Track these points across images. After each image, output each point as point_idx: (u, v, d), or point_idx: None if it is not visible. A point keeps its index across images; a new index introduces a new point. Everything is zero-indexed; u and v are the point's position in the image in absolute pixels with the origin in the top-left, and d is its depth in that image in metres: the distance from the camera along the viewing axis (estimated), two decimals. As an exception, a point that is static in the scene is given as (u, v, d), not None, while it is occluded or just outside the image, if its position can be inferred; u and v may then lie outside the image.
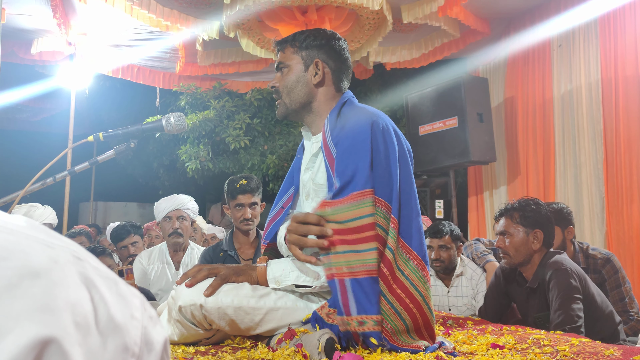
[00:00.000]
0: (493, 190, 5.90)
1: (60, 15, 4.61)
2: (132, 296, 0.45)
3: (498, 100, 5.85)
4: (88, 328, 0.39)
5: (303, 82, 1.77)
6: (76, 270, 0.41)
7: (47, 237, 0.42)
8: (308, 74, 1.77)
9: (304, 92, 1.78)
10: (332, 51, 1.79)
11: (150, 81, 6.53)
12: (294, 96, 1.78)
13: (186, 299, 1.53)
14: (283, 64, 1.80)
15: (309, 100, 1.78)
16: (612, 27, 4.65)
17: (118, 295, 0.43)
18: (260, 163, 7.79)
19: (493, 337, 1.64)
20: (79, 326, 0.38)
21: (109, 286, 0.43)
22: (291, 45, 1.81)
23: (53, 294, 0.38)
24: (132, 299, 0.45)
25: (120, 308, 0.42)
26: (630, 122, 4.47)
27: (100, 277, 0.43)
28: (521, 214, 2.54)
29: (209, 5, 4.69)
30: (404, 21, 4.77)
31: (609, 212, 4.59)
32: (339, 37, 1.82)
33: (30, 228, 0.42)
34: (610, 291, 2.88)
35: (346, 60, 1.82)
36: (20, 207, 3.86)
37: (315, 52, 1.78)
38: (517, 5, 5.23)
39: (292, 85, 1.78)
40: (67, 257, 0.42)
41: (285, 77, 1.79)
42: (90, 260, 0.44)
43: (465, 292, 3.24)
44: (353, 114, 1.66)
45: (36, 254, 0.40)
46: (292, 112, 1.81)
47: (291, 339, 1.44)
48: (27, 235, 0.41)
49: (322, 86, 1.78)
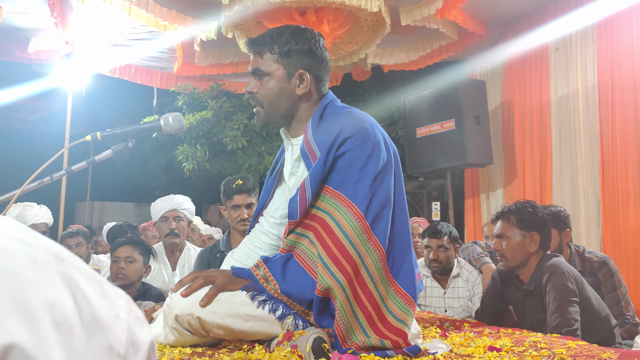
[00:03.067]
0: (490, 192, 5.91)
1: (57, 14, 4.59)
2: (117, 296, 0.44)
3: (495, 103, 5.87)
4: (70, 328, 0.38)
5: (287, 93, 1.67)
6: (56, 270, 0.40)
7: (26, 237, 0.42)
8: (291, 85, 1.67)
9: (288, 104, 1.69)
10: (314, 57, 1.68)
11: (147, 81, 6.52)
12: (277, 107, 1.69)
13: (182, 308, 1.50)
14: (261, 72, 1.67)
15: (292, 110, 1.70)
16: (608, 32, 4.67)
17: (102, 295, 0.43)
18: (257, 164, 7.78)
19: (490, 340, 1.64)
20: (59, 326, 0.38)
21: (93, 286, 0.42)
22: (270, 51, 1.67)
23: (29, 293, 0.37)
24: (117, 299, 0.44)
25: (104, 308, 0.42)
26: (626, 126, 4.49)
27: (84, 277, 0.42)
28: (518, 216, 2.54)
29: (207, 6, 4.68)
30: (402, 23, 4.78)
31: (605, 215, 4.60)
32: (317, 36, 1.71)
33: (10, 227, 0.42)
34: (606, 294, 2.89)
35: (327, 62, 1.74)
36: (15, 206, 3.84)
37: (298, 59, 1.66)
38: (514, 9, 5.25)
39: (274, 97, 1.67)
40: (47, 257, 0.41)
41: (266, 86, 1.67)
42: (73, 260, 0.43)
43: (461, 294, 3.25)
44: (340, 121, 1.62)
45: (14, 253, 0.39)
46: (272, 122, 1.73)
47: (289, 341, 1.43)
48: (6, 234, 0.41)
49: (306, 96, 1.70)
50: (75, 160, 1.92)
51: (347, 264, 1.46)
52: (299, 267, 1.55)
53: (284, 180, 1.85)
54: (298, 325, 1.52)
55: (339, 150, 1.56)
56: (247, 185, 2.99)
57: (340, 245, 1.48)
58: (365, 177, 1.53)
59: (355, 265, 1.47)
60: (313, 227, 1.57)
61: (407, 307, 1.51)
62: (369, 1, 4.33)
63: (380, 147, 1.58)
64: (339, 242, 1.48)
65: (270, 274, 1.54)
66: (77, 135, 5.46)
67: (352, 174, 1.54)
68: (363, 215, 1.49)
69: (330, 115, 1.66)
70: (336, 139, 1.57)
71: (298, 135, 1.74)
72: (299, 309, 1.52)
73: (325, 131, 1.62)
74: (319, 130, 1.62)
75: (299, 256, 1.57)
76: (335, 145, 1.56)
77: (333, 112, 1.67)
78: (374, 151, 1.56)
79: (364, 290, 1.47)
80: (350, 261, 1.47)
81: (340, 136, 1.57)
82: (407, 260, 1.58)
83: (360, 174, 1.53)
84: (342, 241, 1.48)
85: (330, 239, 1.50)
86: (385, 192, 1.56)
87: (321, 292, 1.47)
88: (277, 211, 1.87)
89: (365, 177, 1.53)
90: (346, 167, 1.55)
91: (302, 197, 1.57)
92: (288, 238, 1.61)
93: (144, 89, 7.13)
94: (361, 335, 1.44)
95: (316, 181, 1.56)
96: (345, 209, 1.51)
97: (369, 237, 1.49)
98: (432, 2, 4.50)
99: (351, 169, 1.54)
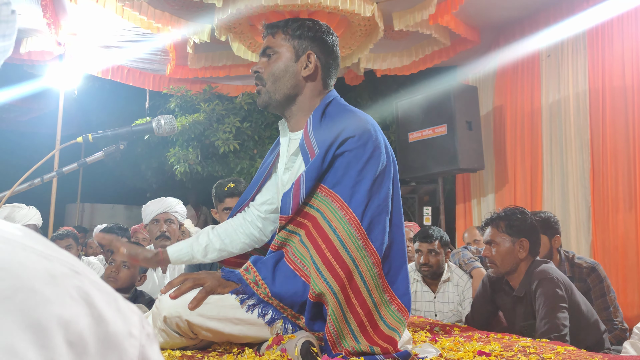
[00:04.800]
0: (481, 198, 5.94)
1: (50, 15, 4.57)
2: (130, 312, 0.43)
3: (487, 109, 5.90)
4: (84, 347, 0.37)
5: (292, 72, 1.69)
6: (73, 285, 0.39)
7: (44, 249, 0.41)
8: (298, 65, 1.69)
9: (291, 83, 1.69)
10: (325, 45, 1.71)
11: (140, 83, 6.50)
12: (280, 86, 1.69)
13: (171, 310, 1.50)
14: (271, 50, 1.70)
15: (294, 92, 1.70)
16: (600, 40, 4.71)
17: (117, 311, 0.42)
18: (249, 167, 7.76)
19: (480, 345, 1.65)
20: (73, 345, 0.37)
21: (108, 302, 0.41)
22: (283, 32, 1.71)
23: (45, 311, 0.36)
24: (131, 316, 0.43)
25: (118, 325, 0.41)
26: (616, 133, 4.52)
27: (99, 292, 0.41)
28: (507, 223, 2.55)
29: (201, 8, 4.68)
30: (395, 28, 4.80)
31: (595, 221, 4.64)
32: (333, 32, 1.75)
33: (27, 238, 0.41)
34: (594, 300, 2.90)
35: (337, 57, 1.76)
36: (4, 207, 3.81)
37: (309, 43, 1.69)
38: (507, 16, 5.29)
39: (279, 73, 1.69)
40: (64, 271, 0.40)
41: (273, 64, 1.69)
42: (89, 274, 0.42)
43: (451, 298, 3.26)
44: (343, 120, 1.62)
45: (33, 267, 0.38)
46: (274, 102, 1.72)
47: (278, 345, 1.43)
48: (24, 245, 0.40)
49: (310, 80, 1.70)
50: (66, 161, 1.91)
51: (341, 269, 1.45)
52: (288, 270, 1.54)
53: (274, 173, 1.84)
54: (287, 330, 1.51)
55: (339, 149, 1.55)
56: (239, 189, 2.99)
57: (334, 250, 1.46)
58: (363, 180, 1.52)
59: (348, 272, 1.46)
60: (304, 225, 1.56)
61: (400, 315, 1.51)
62: (363, 6, 4.34)
63: (380, 150, 1.57)
64: (333, 247, 1.47)
65: (260, 277, 1.53)
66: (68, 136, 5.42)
67: (349, 175, 1.53)
68: (359, 221, 1.48)
69: (333, 112, 1.65)
70: (337, 137, 1.56)
71: (297, 129, 1.73)
72: (288, 312, 1.52)
73: (326, 128, 1.60)
74: (321, 127, 1.61)
75: (288, 258, 1.56)
76: (335, 144, 1.55)
77: (336, 110, 1.67)
78: (374, 154, 1.55)
79: (357, 296, 1.47)
80: (344, 267, 1.45)
81: (342, 135, 1.56)
82: (403, 267, 1.58)
83: (358, 177, 1.52)
84: (336, 246, 1.47)
85: (324, 243, 1.48)
86: (383, 197, 1.55)
87: (314, 297, 1.46)
88: (263, 206, 1.87)
89: (364, 181, 1.52)
90: (344, 168, 1.54)
91: (296, 192, 1.56)
92: (279, 235, 1.61)
93: (136, 90, 7.10)
94: (352, 340, 1.44)
95: (312, 178, 1.54)
96: (340, 212, 1.50)
97: (364, 242, 1.48)
98: (425, 8, 4.52)
99: (349, 169, 1.53)
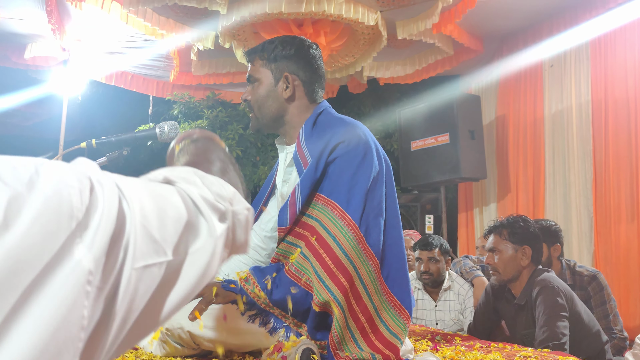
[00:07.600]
0: (483, 207, 5.93)
1: (55, 21, 4.60)
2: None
3: (490, 118, 5.90)
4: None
5: (273, 97, 1.72)
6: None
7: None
8: (278, 89, 1.72)
9: (275, 107, 1.73)
10: (301, 61, 1.73)
11: (143, 89, 6.52)
12: (265, 111, 1.73)
13: (172, 322, 1.50)
14: (252, 77, 1.75)
15: (280, 114, 1.74)
16: (602, 50, 4.72)
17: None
18: (251, 174, 7.77)
19: (481, 354, 1.65)
20: None
21: None
22: (260, 57, 1.74)
23: None
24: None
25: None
26: (619, 143, 4.52)
27: None
28: (509, 230, 2.56)
29: (205, 15, 4.70)
30: (399, 37, 4.81)
31: (597, 231, 4.62)
32: (310, 45, 1.76)
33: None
34: (595, 308, 2.90)
35: (318, 68, 1.76)
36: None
37: (284, 64, 1.71)
38: (510, 25, 5.30)
39: (262, 100, 1.73)
40: None
41: (256, 91, 1.74)
42: None
43: (452, 307, 3.25)
44: (333, 128, 1.63)
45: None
46: (263, 126, 1.77)
47: (279, 352, 1.43)
48: None
49: (294, 100, 1.73)
50: (69, 167, 1.92)
51: (343, 277, 1.45)
52: (287, 279, 1.53)
53: (276, 188, 1.85)
54: (289, 338, 1.51)
55: (330, 156, 1.57)
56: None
57: (336, 258, 1.46)
58: (357, 185, 1.53)
59: (350, 278, 1.46)
60: (304, 236, 1.56)
61: (401, 320, 1.51)
62: (366, 14, 4.36)
63: (372, 153, 1.58)
64: (334, 256, 1.47)
65: (259, 287, 1.53)
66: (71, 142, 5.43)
67: (343, 181, 1.54)
68: (357, 226, 1.49)
69: (323, 122, 1.67)
70: (327, 144, 1.57)
71: (292, 142, 1.75)
72: (290, 321, 1.52)
73: (317, 137, 1.62)
74: (312, 137, 1.63)
75: (288, 269, 1.55)
76: (326, 151, 1.57)
77: (326, 119, 1.68)
78: (366, 157, 1.56)
79: (358, 302, 1.47)
80: (346, 274, 1.46)
81: (332, 142, 1.57)
82: (402, 271, 1.58)
83: (352, 181, 1.53)
84: (338, 254, 1.47)
85: (325, 252, 1.48)
86: (377, 200, 1.56)
87: (319, 306, 1.46)
88: (269, 223, 1.84)
89: (358, 185, 1.53)
90: (337, 174, 1.55)
91: (292, 203, 1.56)
92: (279, 247, 1.61)
93: (139, 97, 7.13)
94: (354, 347, 1.44)
95: (307, 187, 1.55)
96: (339, 219, 1.50)
97: (363, 248, 1.49)
98: (428, 17, 4.53)
99: (343, 175, 1.54)
